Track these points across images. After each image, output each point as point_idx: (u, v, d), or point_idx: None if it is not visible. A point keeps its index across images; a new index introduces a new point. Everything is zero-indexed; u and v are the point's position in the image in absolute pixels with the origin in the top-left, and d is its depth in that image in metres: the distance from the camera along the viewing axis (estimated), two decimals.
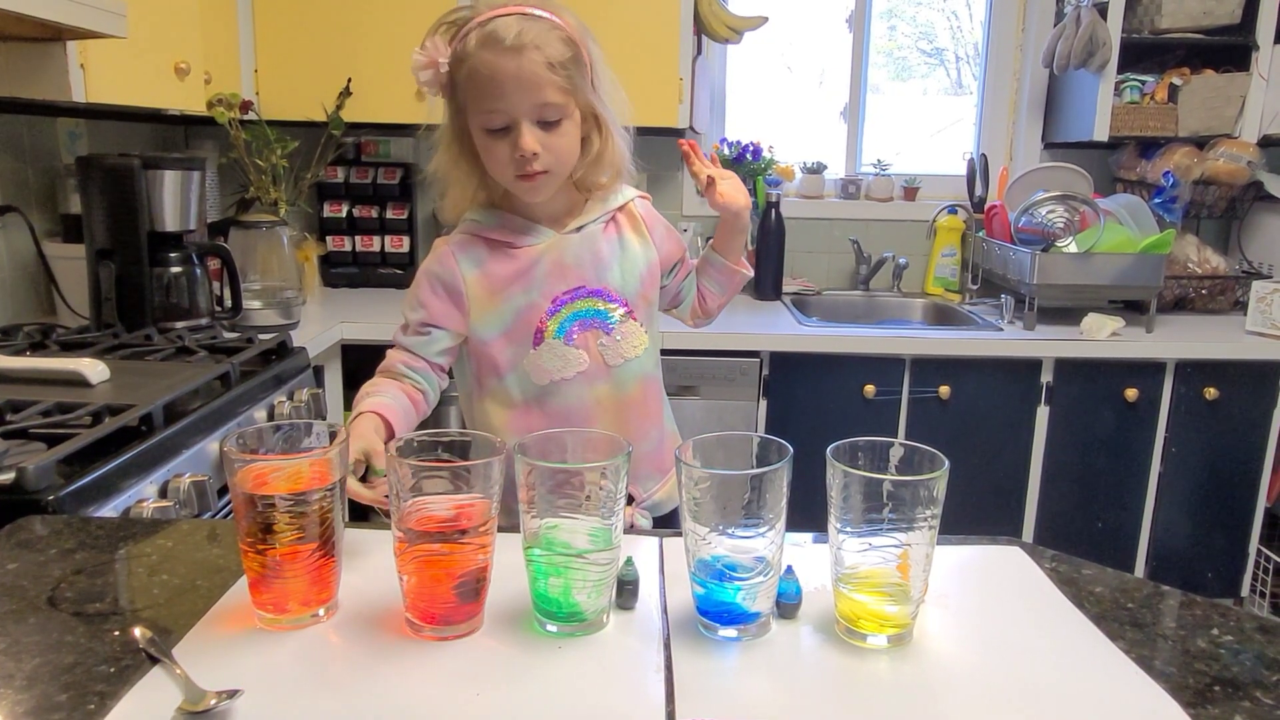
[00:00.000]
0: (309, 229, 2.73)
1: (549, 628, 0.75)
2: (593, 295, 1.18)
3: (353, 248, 2.71)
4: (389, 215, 2.71)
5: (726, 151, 2.87)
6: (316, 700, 0.65)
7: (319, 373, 2.11)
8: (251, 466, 0.73)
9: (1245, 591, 2.45)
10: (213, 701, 0.62)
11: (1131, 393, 2.31)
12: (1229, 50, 2.57)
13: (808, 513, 0.88)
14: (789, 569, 0.78)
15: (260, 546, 0.73)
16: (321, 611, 0.76)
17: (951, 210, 2.85)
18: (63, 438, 1.16)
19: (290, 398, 1.72)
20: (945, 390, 2.30)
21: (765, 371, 2.31)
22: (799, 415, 2.32)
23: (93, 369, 1.45)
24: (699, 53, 2.66)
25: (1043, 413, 2.33)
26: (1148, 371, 2.31)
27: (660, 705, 0.65)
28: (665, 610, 0.78)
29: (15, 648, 0.69)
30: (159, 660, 0.64)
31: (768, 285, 2.73)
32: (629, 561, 0.79)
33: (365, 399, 1.09)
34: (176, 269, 1.93)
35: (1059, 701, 0.66)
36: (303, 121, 2.41)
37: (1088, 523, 2.40)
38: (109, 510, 1.14)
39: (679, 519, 0.76)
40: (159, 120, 2.54)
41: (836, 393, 2.31)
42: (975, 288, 2.74)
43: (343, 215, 2.70)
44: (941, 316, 2.76)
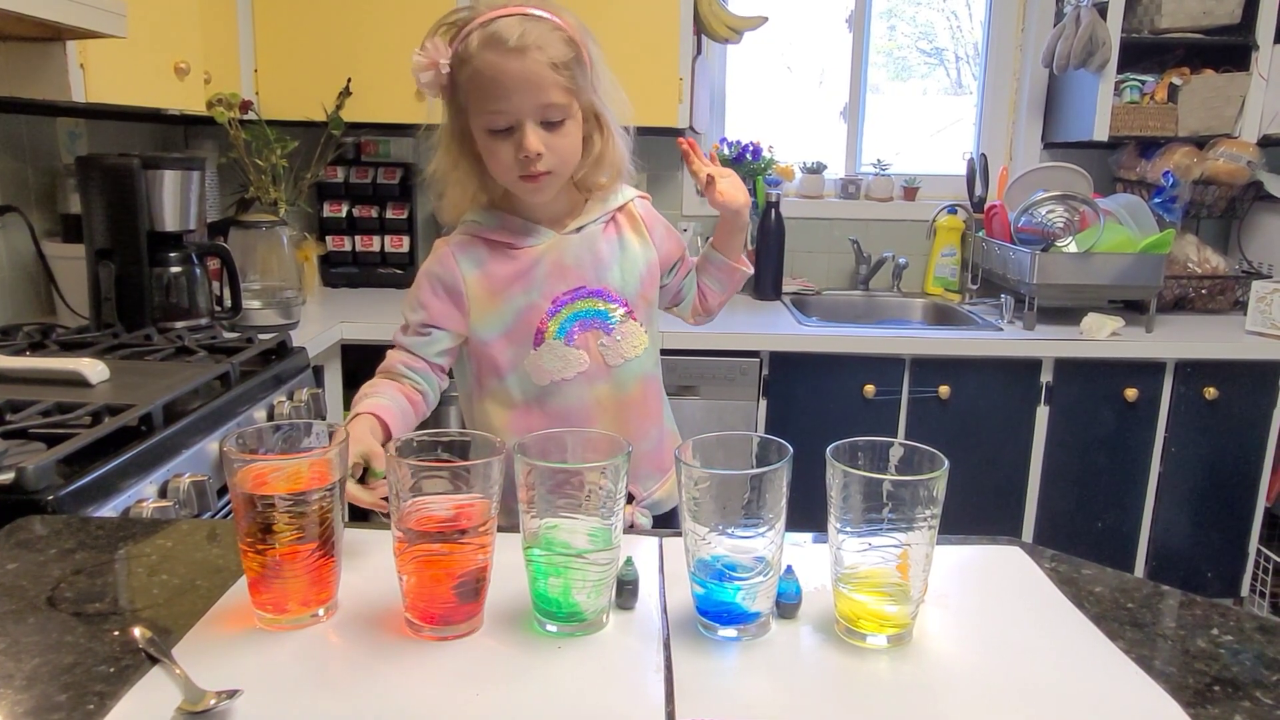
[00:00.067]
0: (309, 229, 2.73)
1: (549, 628, 0.75)
2: (593, 295, 1.18)
3: (352, 248, 2.72)
4: (389, 215, 2.71)
5: (726, 151, 2.87)
6: (316, 700, 0.65)
7: (319, 373, 2.11)
8: (251, 466, 0.74)
9: (1245, 591, 2.45)
10: (212, 701, 0.62)
11: (1131, 392, 2.31)
12: (1229, 50, 2.57)
13: (808, 513, 0.88)
14: (789, 569, 0.78)
15: (260, 546, 0.73)
16: (321, 611, 0.76)
17: (951, 210, 2.85)
18: (62, 438, 1.16)
19: (290, 398, 1.72)
20: (945, 390, 2.30)
21: (765, 371, 2.31)
22: (799, 415, 2.32)
23: (92, 369, 1.45)
24: (699, 53, 2.66)
25: (1042, 413, 2.33)
26: (1147, 371, 2.31)
27: (660, 705, 0.65)
28: (665, 610, 0.78)
29: (15, 648, 0.69)
30: (159, 660, 0.64)
31: (767, 285, 2.73)
32: (629, 561, 0.79)
33: (363, 400, 1.09)
34: (176, 269, 1.93)
35: (1059, 701, 0.66)
36: (302, 121, 2.41)
37: (1087, 523, 2.40)
38: (108, 510, 1.14)
39: (679, 518, 0.76)
40: (159, 120, 2.54)
41: (836, 393, 2.31)
42: (975, 288, 2.74)
43: (342, 215, 2.70)
44: (941, 316, 2.76)
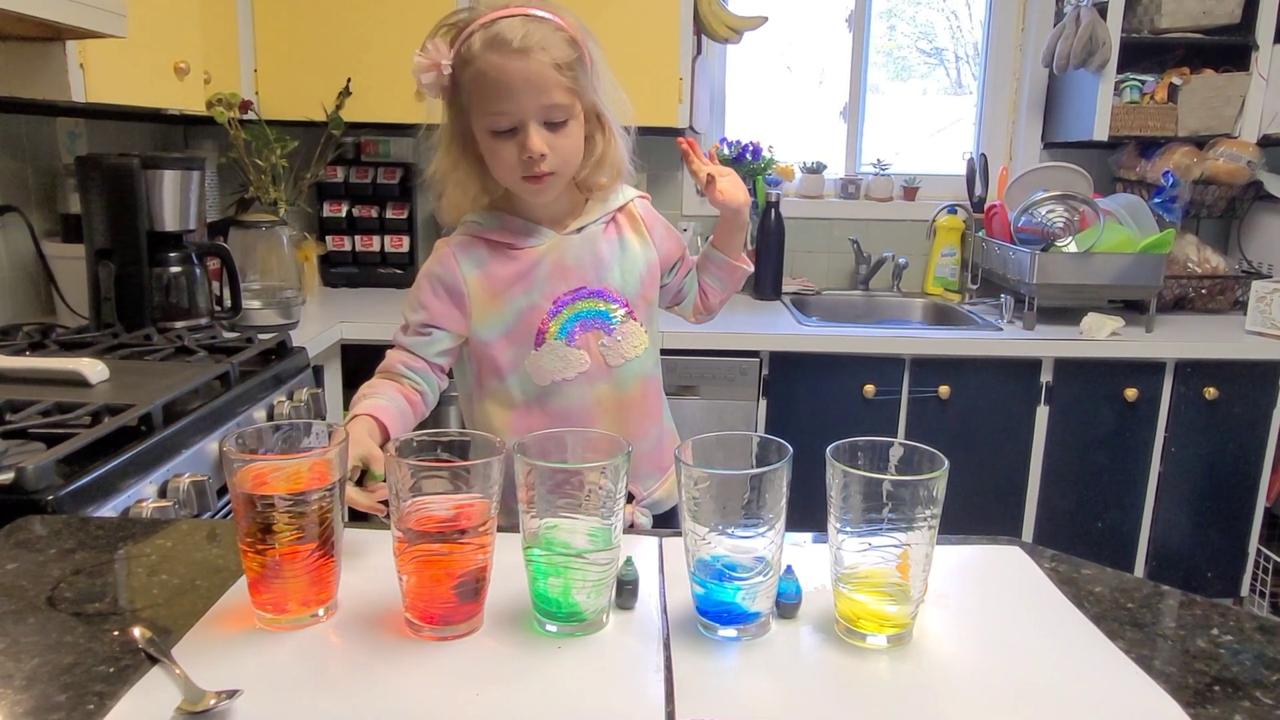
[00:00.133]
0: (308, 229, 2.73)
1: (548, 628, 0.75)
2: (594, 296, 1.18)
3: (352, 247, 2.71)
4: (389, 215, 2.71)
5: (726, 151, 2.87)
6: (316, 700, 0.65)
7: (318, 373, 2.11)
8: (251, 466, 0.73)
9: (1245, 591, 2.45)
10: (212, 701, 0.62)
11: (1131, 392, 2.31)
12: (1229, 50, 2.57)
13: (807, 513, 0.88)
14: (789, 569, 0.78)
15: (260, 546, 0.73)
16: (321, 611, 0.76)
17: (951, 210, 2.85)
18: (62, 437, 1.16)
19: (290, 398, 1.72)
20: (945, 390, 2.30)
21: (765, 371, 2.31)
22: (799, 415, 2.31)
23: (92, 369, 1.45)
24: (699, 52, 2.66)
25: (1042, 412, 2.33)
26: (1147, 371, 2.31)
27: (660, 705, 0.65)
28: (665, 610, 0.78)
29: (14, 648, 0.69)
30: (158, 660, 0.64)
31: (767, 285, 2.73)
32: (628, 561, 0.79)
33: (361, 401, 1.09)
34: (176, 269, 1.93)
35: (1059, 701, 0.66)
36: (302, 121, 2.41)
37: (1087, 522, 2.40)
38: (108, 510, 1.14)
39: (679, 518, 0.76)
40: (158, 120, 2.54)
41: (836, 392, 2.31)
42: (975, 287, 2.74)
43: (342, 215, 2.70)
44: (941, 316, 2.76)
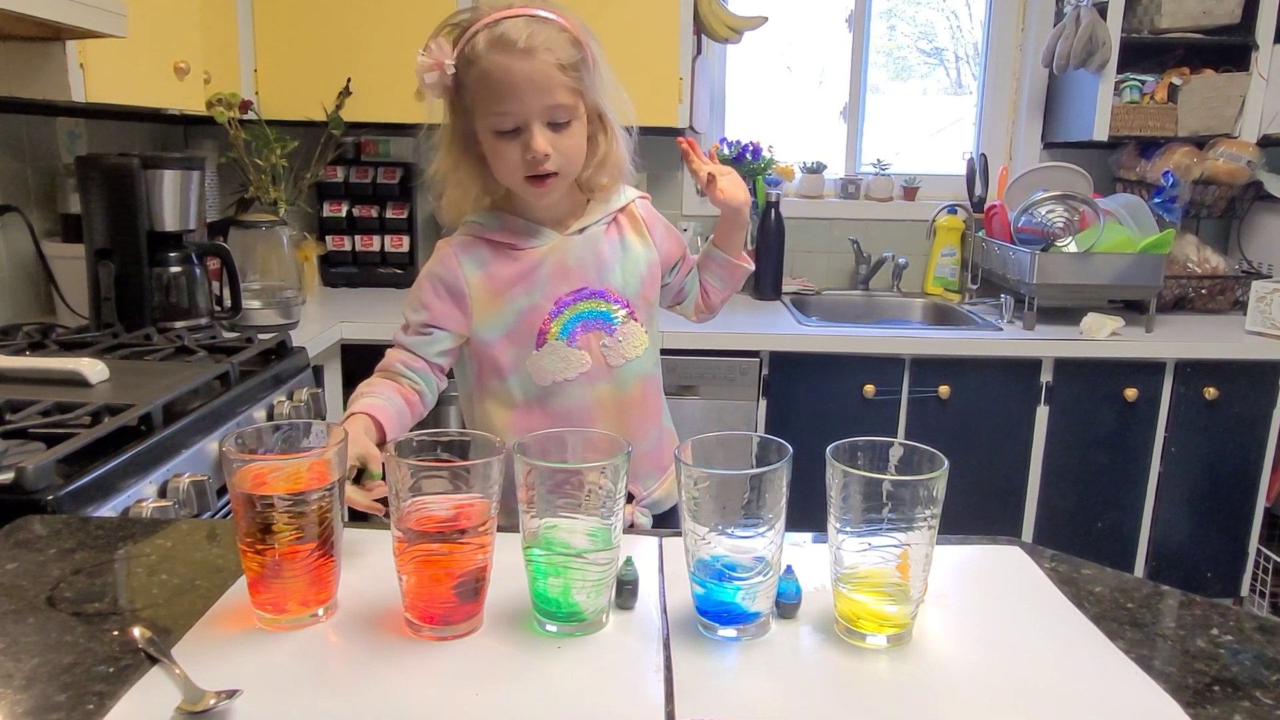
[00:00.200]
0: (308, 229, 2.73)
1: (548, 628, 0.74)
2: (595, 296, 1.18)
3: (352, 247, 2.71)
4: (389, 215, 2.71)
5: (726, 151, 2.87)
6: (316, 700, 0.65)
7: (318, 373, 2.11)
8: (250, 466, 0.73)
9: (1245, 591, 2.45)
10: (212, 701, 0.62)
11: (1131, 392, 2.30)
12: (1229, 50, 2.57)
13: (807, 513, 0.88)
14: (788, 569, 0.78)
15: (259, 546, 0.73)
16: (321, 611, 0.76)
17: (951, 210, 2.85)
18: (62, 437, 1.16)
19: (290, 397, 1.72)
20: (945, 390, 2.30)
21: (765, 371, 2.30)
22: (799, 415, 2.31)
23: (92, 369, 1.45)
24: (699, 52, 2.66)
25: (1042, 412, 2.33)
26: (1147, 371, 2.31)
27: (660, 705, 0.65)
28: (665, 610, 0.78)
29: (14, 648, 0.69)
30: (158, 660, 0.64)
31: (767, 285, 2.73)
32: (628, 561, 0.79)
33: (359, 399, 1.09)
34: (176, 269, 1.93)
35: (1058, 701, 0.66)
36: (302, 121, 2.41)
37: (1087, 522, 2.40)
38: (108, 510, 1.14)
39: (679, 518, 0.76)
40: (158, 120, 2.54)
41: (836, 392, 2.31)
42: (975, 287, 2.74)
43: (342, 215, 2.70)
44: (941, 316, 2.76)
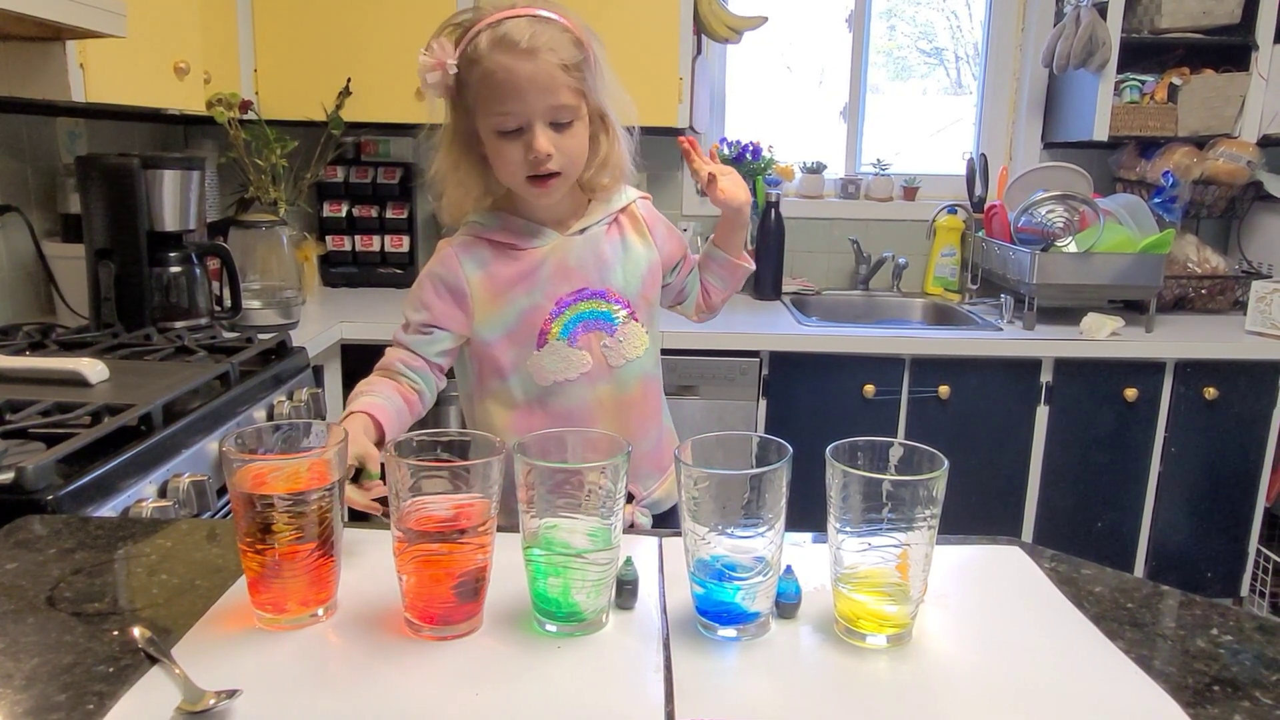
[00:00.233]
0: (308, 229, 2.73)
1: (548, 627, 0.74)
2: (596, 297, 1.18)
3: (352, 247, 2.71)
4: (389, 215, 2.71)
5: (726, 151, 2.87)
6: (315, 700, 0.65)
7: (318, 372, 2.11)
8: (250, 466, 0.73)
9: (1245, 591, 2.45)
10: (212, 701, 0.62)
11: (1131, 392, 2.30)
12: (1228, 50, 2.57)
13: (807, 512, 0.88)
14: (788, 569, 0.78)
15: (259, 546, 0.73)
16: (320, 611, 0.76)
17: (951, 210, 2.85)
18: (62, 437, 1.16)
19: (290, 397, 1.72)
20: (945, 390, 2.30)
21: (765, 371, 2.30)
22: (798, 415, 2.31)
23: (92, 369, 1.45)
24: (699, 52, 2.66)
25: (1042, 412, 2.33)
26: (1147, 371, 2.31)
27: (659, 705, 0.65)
28: (664, 610, 0.78)
29: (14, 647, 0.69)
30: (158, 660, 0.64)
31: (767, 285, 2.73)
32: (628, 561, 0.79)
33: (358, 398, 1.09)
34: (176, 269, 1.93)
35: (1058, 701, 0.66)
36: (302, 121, 2.41)
37: (1087, 523, 2.40)
38: (108, 510, 1.14)
39: (678, 517, 0.76)
40: (158, 120, 2.54)
41: (836, 392, 2.31)
42: (975, 287, 2.74)
43: (342, 215, 2.70)
44: (941, 316, 2.76)
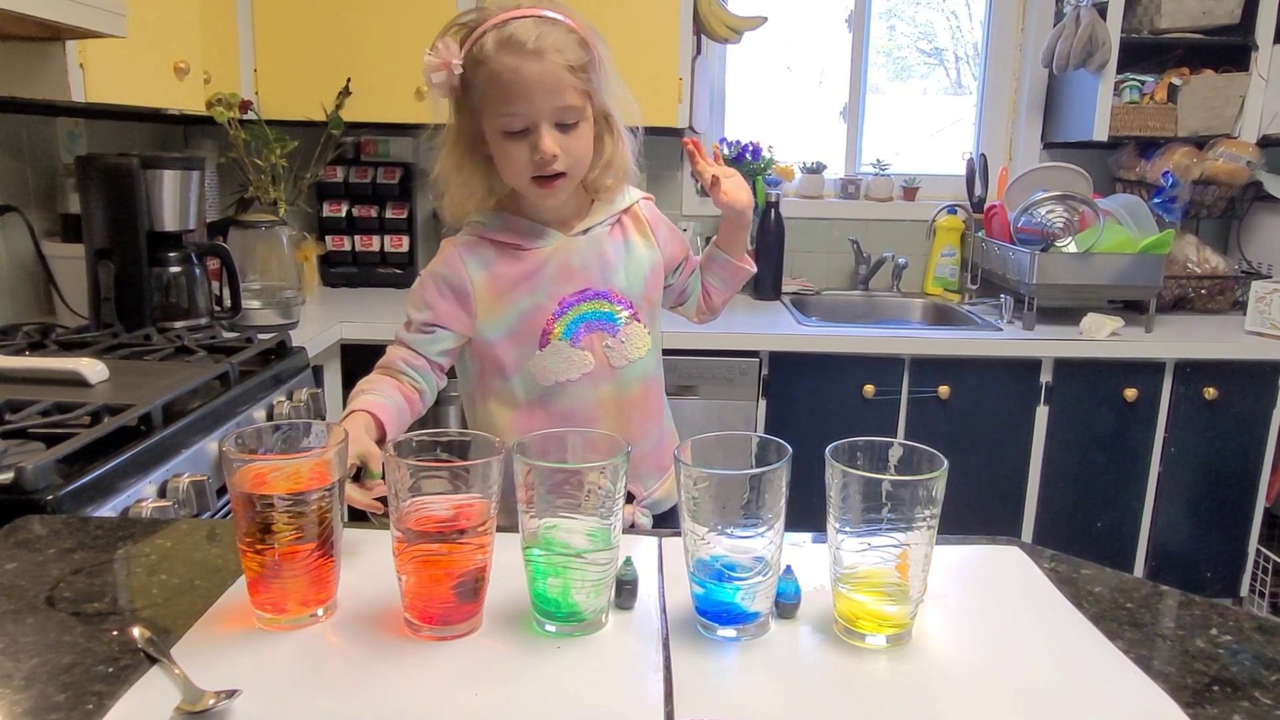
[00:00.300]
0: (308, 229, 2.73)
1: (548, 628, 0.74)
2: (599, 297, 1.18)
3: (352, 247, 2.72)
4: (388, 215, 2.71)
5: (726, 151, 2.87)
6: (315, 700, 0.65)
7: (318, 373, 2.11)
8: (250, 466, 0.73)
9: (1244, 591, 2.45)
10: (211, 701, 0.62)
11: (1131, 393, 2.31)
12: (1228, 50, 2.57)
13: (807, 513, 0.88)
14: (788, 569, 0.78)
15: (259, 546, 0.73)
16: (320, 611, 0.76)
17: (951, 210, 2.85)
18: (61, 437, 1.16)
19: (289, 397, 1.72)
20: (944, 390, 2.30)
21: (765, 371, 2.30)
22: (798, 415, 2.31)
23: (91, 369, 1.45)
24: (698, 52, 2.66)
25: (1042, 412, 2.33)
26: (1147, 371, 2.31)
27: (659, 705, 0.65)
28: (664, 610, 0.78)
29: (13, 647, 0.69)
30: (157, 660, 0.64)
31: (767, 285, 2.73)
32: (628, 561, 0.79)
33: (359, 396, 1.09)
34: (176, 269, 1.93)
35: (1058, 701, 0.66)
36: (302, 121, 2.41)
37: (1087, 523, 2.40)
38: (108, 510, 1.14)
39: (678, 517, 0.76)
40: (158, 120, 2.54)
41: (836, 393, 2.31)
42: (974, 288, 2.74)
43: (342, 215, 2.70)
44: (941, 316, 2.76)
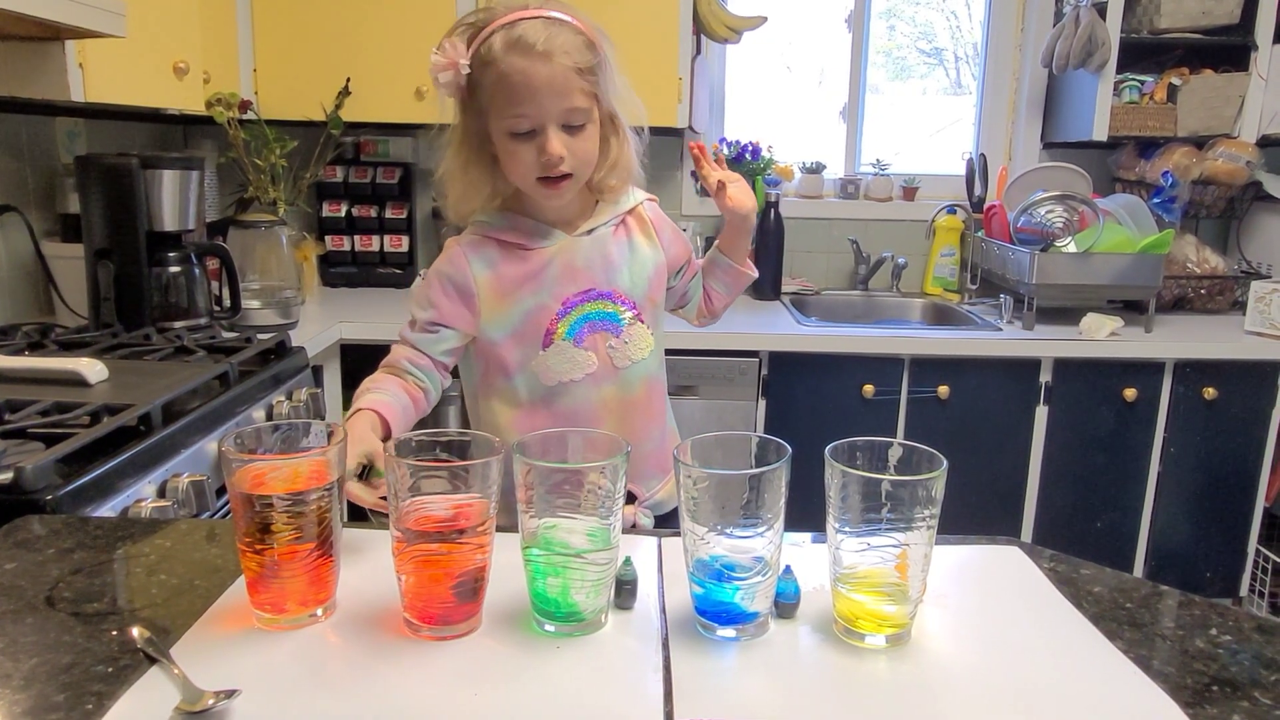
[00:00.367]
0: (308, 228, 2.73)
1: (547, 627, 0.74)
2: (602, 298, 1.18)
3: (351, 247, 2.72)
4: (388, 215, 2.71)
5: (726, 151, 2.87)
6: (314, 700, 0.65)
7: (318, 372, 2.11)
8: (249, 466, 0.73)
9: (1244, 591, 2.45)
10: (210, 701, 0.62)
11: (1130, 393, 2.31)
12: (1228, 50, 2.57)
13: (806, 512, 0.88)
14: (787, 569, 0.78)
15: (258, 546, 0.73)
16: (319, 611, 0.76)
17: (950, 210, 2.85)
18: (61, 437, 1.16)
19: (289, 397, 1.72)
20: (944, 390, 2.30)
21: (764, 371, 2.30)
22: (798, 415, 2.31)
23: (91, 369, 1.45)
24: (698, 52, 2.66)
25: (1042, 412, 2.33)
26: (1146, 371, 2.31)
27: (658, 705, 0.65)
28: (664, 610, 0.78)
29: (13, 647, 0.69)
30: (157, 660, 0.64)
31: (767, 285, 2.72)
32: (627, 561, 0.79)
33: (365, 395, 1.09)
34: (175, 269, 1.93)
35: (1057, 701, 0.66)
36: (302, 121, 2.41)
37: (1086, 522, 2.40)
38: (107, 510, 1.14)
39: (679, 517, 0.76)
40: (158, 120, 2.54)
41: (835, 393, 2.31)
42: (974, 288, 2.74)
43: (341, 215, 2.70)
44: (940, 316, 2.76)
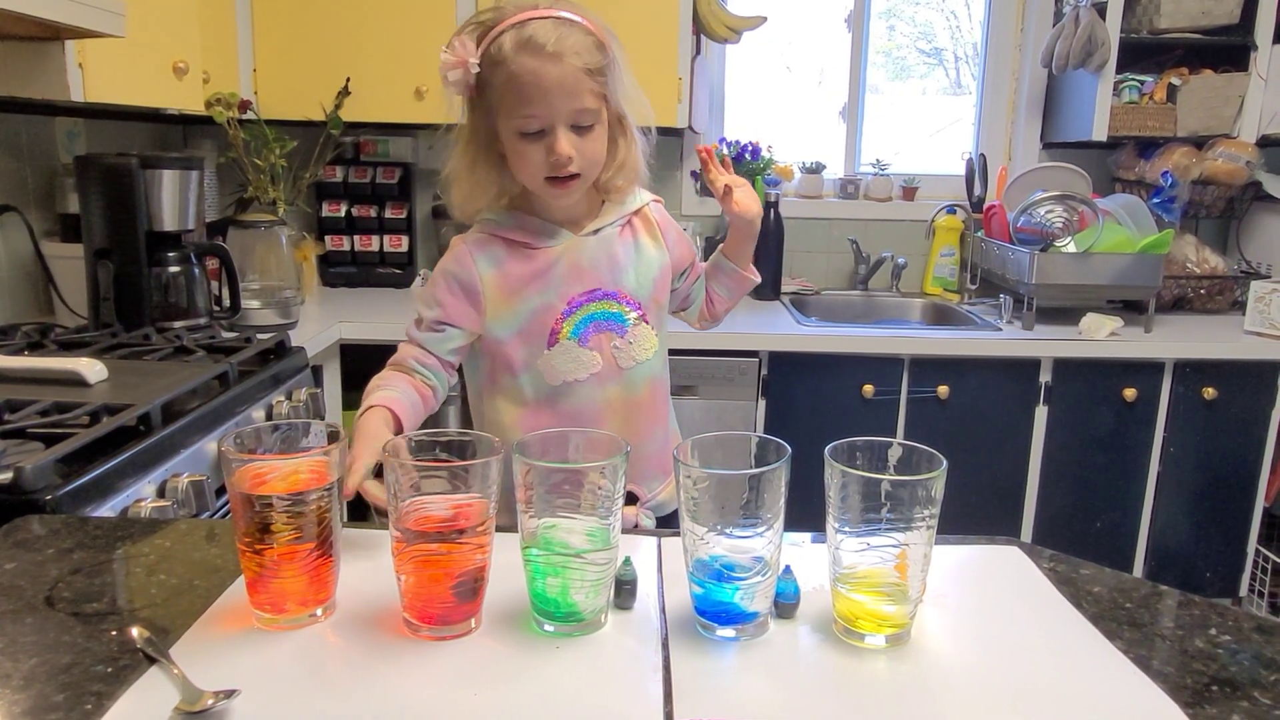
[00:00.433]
0: (307, 228, 2.73)
1: (547, 628, 0.74)
2: (608, 298, 1.18)
3: (351, 247, 2.72)
4: (388, 215, 2.71)
5: (726, 151, 2.87)
6: (314, 700, 0.65)
7: (317, 372, 2.11)
8: (249, 466, 0.73)
9: (1244, 591, 2.45)
10: (210, 701, 0.62)
11: (1130, 392, 2.31)
12: (1228, 50, 2.57)
13: (806, 512, 0.88)
14: (787, 569, 0.78)
15: (258, 546, 0.73)
16: (319, 611, 0.76)
17: (950, 210, 2.85)
18: (60, 437, 1.16)
19: (289, 397, 1.72)
20: (944, 390, 2.30)
21: (764, 371, 2.31)
22: (798, 415, 2.31)
23: (91, 369, 1.45)
24: (698, 52, 2.66)
25: (1041, 412, 2.33)
26: (1146, 371, 2.31)
27: (658, 705, 0.65)
28: (663, 610, 0.78)
29: (12, 647, 0.69)
30: (156, 660, 0.64)
31: (767, 285, 2.71)
32: (627, 561, 0.79)
33: (375, 392, 1.09)
34: (175, 268, 1.93)
35: (1057, 701, 0.66)
36: (301, 121, 2.41)
37: (1086, 522, 2.40)
38: (107, 510, 1.14)
39: (678, 518, 0.76)
40: (157, 120, 2.54)
41: (835, 393, 2.31)
42: (974, 288, 2.74)
43: (341, 215, 2.70)
44: (940, 316, 2.76)
